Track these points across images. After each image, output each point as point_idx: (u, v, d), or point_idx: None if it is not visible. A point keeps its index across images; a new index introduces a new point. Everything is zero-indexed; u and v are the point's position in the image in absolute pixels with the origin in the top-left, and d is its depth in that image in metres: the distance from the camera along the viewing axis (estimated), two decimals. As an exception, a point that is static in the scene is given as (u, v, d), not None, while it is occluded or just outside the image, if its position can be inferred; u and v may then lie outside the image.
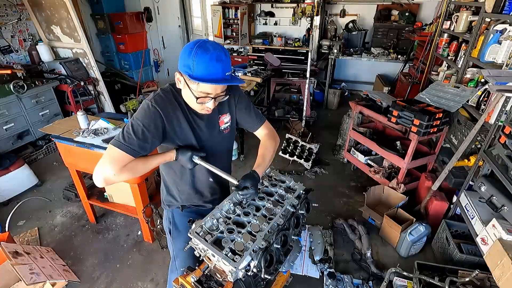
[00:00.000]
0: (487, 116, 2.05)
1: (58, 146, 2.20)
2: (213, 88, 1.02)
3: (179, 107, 1.11)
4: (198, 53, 0.95)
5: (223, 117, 1.24)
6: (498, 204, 1.80)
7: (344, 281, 2.05)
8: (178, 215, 1.39)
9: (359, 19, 5.62)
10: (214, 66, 0.96)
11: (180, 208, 1.38)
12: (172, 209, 1.41)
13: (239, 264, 0.92)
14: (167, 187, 1.38)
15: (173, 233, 1.41)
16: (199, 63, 0.95)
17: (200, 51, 0.95)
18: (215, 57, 0.96)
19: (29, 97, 3.37)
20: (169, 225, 1.42)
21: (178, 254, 1.41)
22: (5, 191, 2.83)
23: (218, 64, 0.97)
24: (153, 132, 1.05)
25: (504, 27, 2.25)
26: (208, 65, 0.96)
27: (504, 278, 1.51)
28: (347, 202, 2.95)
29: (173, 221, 1.40)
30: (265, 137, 1.36)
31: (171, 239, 1.42)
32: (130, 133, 1.02)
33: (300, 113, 4.34)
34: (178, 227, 1.39)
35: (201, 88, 1.00)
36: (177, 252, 1.41)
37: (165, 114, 1.07)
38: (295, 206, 1.20)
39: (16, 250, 1.92)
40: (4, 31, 3.62)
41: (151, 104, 1.06)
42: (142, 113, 1.05)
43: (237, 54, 6.18)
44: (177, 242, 1.40)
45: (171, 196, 1.38)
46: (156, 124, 1.05)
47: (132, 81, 4.90)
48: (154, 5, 5.63)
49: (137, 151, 1.02)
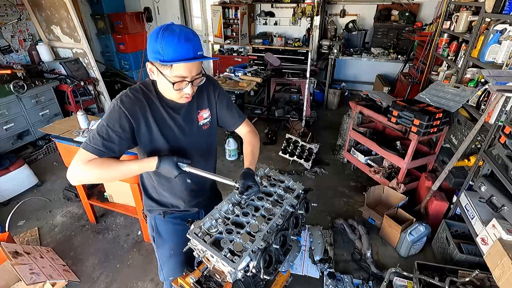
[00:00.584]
0: (487, 116, 2.04)
1: (58, 146, 2.20)
2: (188, 69, 0.97)
3: (149, 106, 1.07)
4: (165, 36, 0.92)
5: (202, 112, 1.19)
6: (498, 204, 1.80)
7: (344, 281, 2.05)
8: (161, 222, 1.33)
9: (359, 19, 5.62)
10: (183, 46, 0.93)
11: (162, 214, 1.30)
12: (154, 215, 1.33)
13: (238, 265, 0.92)
14: (146, 190, 1.31)
15: (157, 241, 1.35)
16: (168, 45, 0.92)
17: (166, 33, 0.92)
18: (183, 37, 0.93)
19: (29, 97, 3.37)
20: (152, 232, 1.36)
21: (164, 263, 1.37)
22: (5, 191, 2.83)
23: (187, 43, 0.93)
24: (119, 132, 1.02)
25: (504, 27, 2.24)
26: (177, 46, 0.92)
27: (504, 278, 1.51)
28: (347, 202, 2.94)
29: (156, 229, 1.34)
30: (248, 134, 1.33)
31: (156, 247, 1.36)
32: (95, 133, 1.01)
33: (300, 113, 4.34)
34: (161, 234, 1.33)
35: (175, 71, 0.96)
36: (163, 260, 1.37)
37: (132, 114, 1.03)
38: (294, 206, 1.20)
39: (16, 250, 1.92)
40: (4, 31, 3.62)
41: (117, 104, 1.03)
42: (108, 113, 1.03)
43: (237, 54, 6.18)
44: (162, 251, 1.35)
45: (152, 200, 1.31)
46: (121, 124, 1.02)
47: (132, 81, 4.90)
48: (154, 5, 5.63)
49: (102, 150, 1.00)
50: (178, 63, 0.94)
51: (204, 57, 0.98)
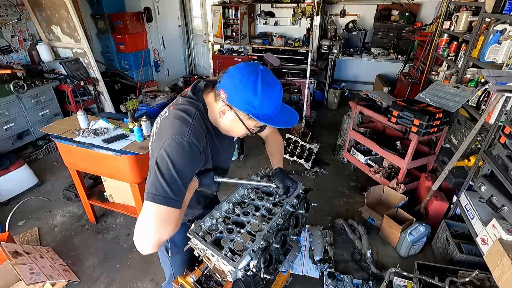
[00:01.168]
0: (487, 116, 2.04)
1: (58, 146, 2.20)
2: None
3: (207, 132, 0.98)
4: (265, 91, 0.85)
5: None
6: (498, 204, 1.80)
7: (344, 281, 2.05)
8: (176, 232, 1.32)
9: (359, 19, 5.62)
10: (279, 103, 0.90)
11: None
12: None
13: (238, 264, 0.92)
14: None
15: (172, 250, 1.29)
16: (266, 102, 0.86)
17: (266, 88, 0.85)
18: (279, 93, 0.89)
19: (29, 97, 3.37)
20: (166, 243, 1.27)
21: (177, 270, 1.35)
22: (5, 191, 2.83)
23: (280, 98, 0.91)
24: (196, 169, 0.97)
25: (504, 27, 2.24)
26: (275, 104, 0.88)
27: (504, 278, 1.51)
28: (347, 202, 2.94)
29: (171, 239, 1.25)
30: (272, 134, 1.35)
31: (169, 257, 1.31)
32: (177, 183, 0.83)
33: (300, 113, 4.34)
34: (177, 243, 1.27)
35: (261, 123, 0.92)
36: (176, 268, 1.35)
37: (203, 147, 0.94)
38: (295, 206, 1.20)
39: (16, 250, 1.92)
40: (4, 31, 3.62)
41: (191, 141, 0.87)
42: (185, 154, 0.86)
43: (237, 54, 6.18)
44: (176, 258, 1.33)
45: None
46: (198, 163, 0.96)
47: (132, 81, 4.90)
48: (154, 5, 5.63)
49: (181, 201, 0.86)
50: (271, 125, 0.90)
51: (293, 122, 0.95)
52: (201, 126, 0.93)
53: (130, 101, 3.88)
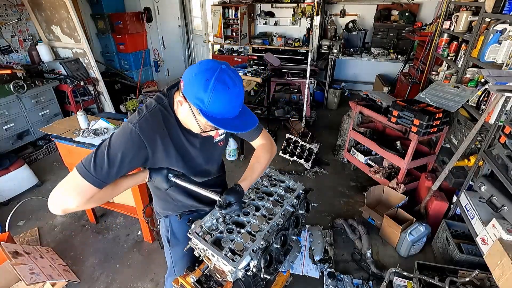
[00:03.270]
0: (487, 116, 2.04)
1: (58, 146, 2.20)
2: None
3: (169, 131, 0.97)
4: (216, 89, 0.81)
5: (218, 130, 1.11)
6: (498, 204, 1.80)
7: (344, 281, 2.05)
8: (176, 223, 1.33)
9: (359, 19, 5.62)
10: (232, 105, 0.85)
11: (178, 216, 1.31)
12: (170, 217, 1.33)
13: (238, 264, 0.92)
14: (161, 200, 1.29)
15: (171, 241, 1.35)
16: (217, 101, 0.82)
17: (219, 86, 0.82)
18: (235, 95, 0.84)
19: (29, 97, 3.37)
20: (167, 233, 1.36)
21: (177, 262, 1.38)
22: (5, 191, 2.83)
23: (236, 102, 0.86)
24: (132, 161, 0.91)
25: (504, 27, 2.24)
26: (226, 105, 0.84)
27: (504, 278, 1.51)
28: (347, 202, 2.94)
29: (171, 230, 1.34)
30: (261, 147, 1.25)
31: (169, 247, 1.37)
32: (103, 161, 0.86)
33: (300, 113, 4.34)
34: (177, 235, 1.34)
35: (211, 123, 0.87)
36: (176, 260, 1.38)
37: (150, 144, 0.92)
38: (295, 206, 1.20)
39: (16, 250, 1.92)
40: (4, 31, 3.62)
41: (135, 129, 0.89)
42: (123, 139, 0.89)
43: (237, 54, 6.18)
44: (176, 250, 1.36)
45: (167, 208, 1.30)
46: (137, 154, 0.91)
47: (132, 81, 4.90)
48: (154, 5, 5.63)
49: (106, 183, 0.88)
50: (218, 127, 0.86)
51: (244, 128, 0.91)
52: (157, 120, 0.94)
53: (130, 101, 3.88)
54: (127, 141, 0.89)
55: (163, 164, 1.03)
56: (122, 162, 0.88)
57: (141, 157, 0.94)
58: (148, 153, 0.94)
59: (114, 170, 0.87)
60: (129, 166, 0.91)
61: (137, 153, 0.91)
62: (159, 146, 0.96)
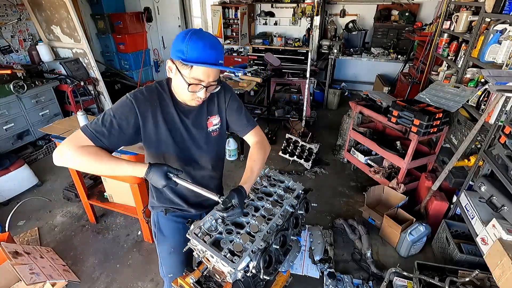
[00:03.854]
0: (487, 116, 2.04)
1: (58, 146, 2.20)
2: (206, 74, 0.99)
3: (161, 105, 1.08)
4: (193, 39, 0.94)
5: (212, 119, 1.19)
6: (498, 204, 1.80)
7: (344, 281, 2.05)
8: (163, 219, 1.33)
9: (359, 19, 5.62)
10: (207, 51, 0.96)
11: (164, 211, 1.31)
12: (157, 211, 1.34)
13: (238, 265, 0.92)
14: (151, 188, 1.31)
15: (158, 237, 1.36)
16: (193, 48, 0.94)
17: (195, 37, 0.95)
18: (209, 44, 0.96)
19: (29, 97, 3.37)
20: (154, 228, 1.37)
21: (164, 259, 1.38)
22: (5, 191, 2.83)
23: (212, 51, 0.96)
24: (123, 125, 1.01)
25: (504, 27, 2.24)
26: (202, 51, 0.95)
27: (504, 278, 1.51)
28: (347, 202, 2.94)
29: (158, 225, 1.35)
30: (255, 146, 1.27)
31: (157, 243, 1.38)
32: (98, 119, 1.01)
33: (300, 113, 4.34)
34: (163, 231, 1.34)
35: (194, 73, 0.98)
36: (163, 257, 1.38)
37: (141, 111, 1.04)
38: (294, 206, 1.20)
39: (16, 250, 1.92)
40: (4, 31, 3.62)
41: (128, 97, 1.04)
42: (118, 105, 1.04)
43: (237, 54, 6.18)
44: (162, 247, 1.36)
45: (154, 198, 1.31)
46: (128, 118, 1.02)
47: (132, 81, 4.91)
48: (154, 5, 5.63)
49: (99, 138, 0.98)
50: (198, 66, 0.96)
51: (223, 67, 1.01)
52: (151, 95, 1.07)
53: (130, 101, 3.88)
54: (121, 106, 1.03)
55: (152, 138, 1.10)
56: (112, 123, 1.00)
57: (132, 123, 1.03)
58: (139, 122, 1.05)
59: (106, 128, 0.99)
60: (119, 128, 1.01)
61: (128, 117, 1.02)
62: (150, 117, 1.06)
